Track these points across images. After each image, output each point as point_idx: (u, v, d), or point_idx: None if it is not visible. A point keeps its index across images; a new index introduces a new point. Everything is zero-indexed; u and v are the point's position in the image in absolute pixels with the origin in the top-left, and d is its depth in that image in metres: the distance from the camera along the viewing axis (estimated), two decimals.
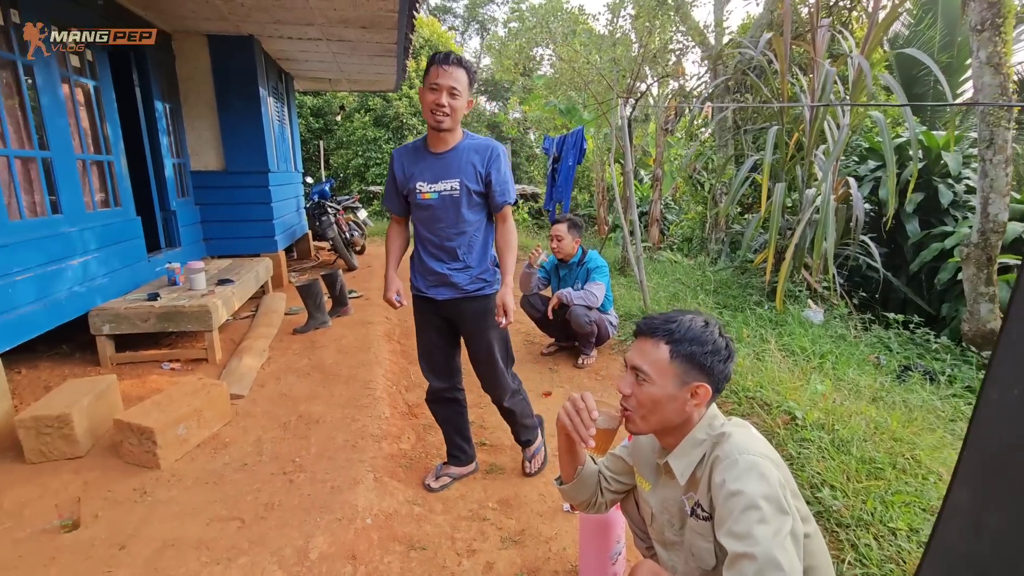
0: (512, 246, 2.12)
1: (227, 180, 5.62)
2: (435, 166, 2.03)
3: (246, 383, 3.24)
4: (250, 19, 4.84)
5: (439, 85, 1.89)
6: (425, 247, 2.13)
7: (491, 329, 2.17)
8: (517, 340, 4.20)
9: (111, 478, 2.31)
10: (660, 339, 1.20)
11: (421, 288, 2.17)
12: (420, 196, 2.05)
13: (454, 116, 1.94)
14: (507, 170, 2.09)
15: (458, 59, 1.90)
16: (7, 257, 2.80)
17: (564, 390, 3.25)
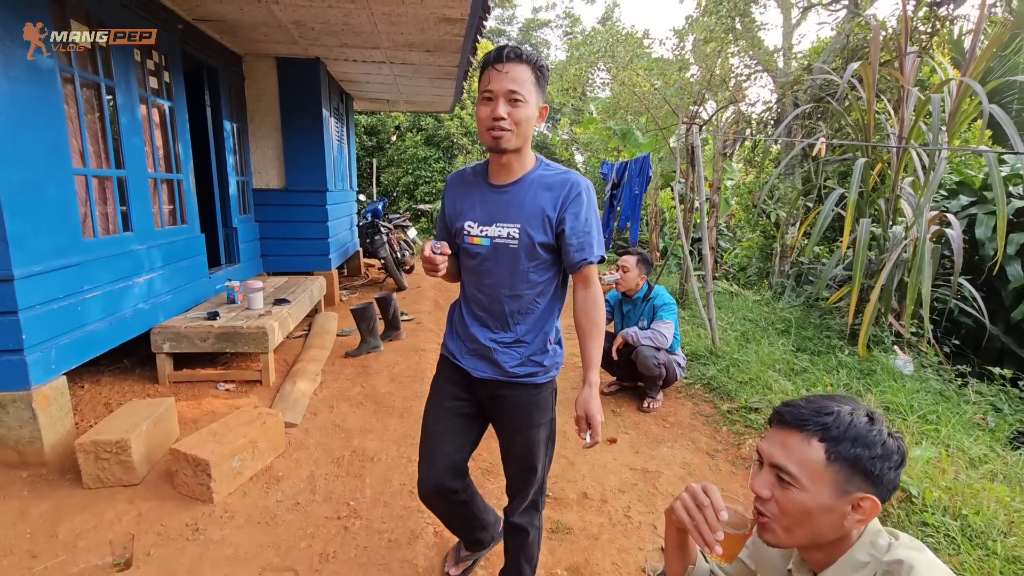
0: (600, 325, 1.51)
1: (287, 198, 5.71)
2: (491, 202, 1.49)
3: (299, 410, 3.16)
4: (319, 43, 4.92)
5: (493, 92, 1.36)
6: (468, 304, 1.61)
7: (537, 429, 1.59)
8: (574, 376, 4.00)
9: (165, 511, 2.24)
10: (812, 434, 0.98)
11: (454, 353, 1.64)
12: (468, 240, 1.52)
13: (519, 131, 1.38)
14: (592, 216, 1.50)
15: (517, 52, 1.36)
16: (79, 275, 2.83)
17: (630, 436, 3.02)
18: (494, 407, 1.62)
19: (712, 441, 2.97)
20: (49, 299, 2.59)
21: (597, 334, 1.50)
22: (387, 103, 8.29)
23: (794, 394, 3.20)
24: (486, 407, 1.65)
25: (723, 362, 3.76)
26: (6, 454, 2.48)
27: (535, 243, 1.46)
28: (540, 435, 1.61)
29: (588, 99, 8.67)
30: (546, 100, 1.48)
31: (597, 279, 1.56)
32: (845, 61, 5.93)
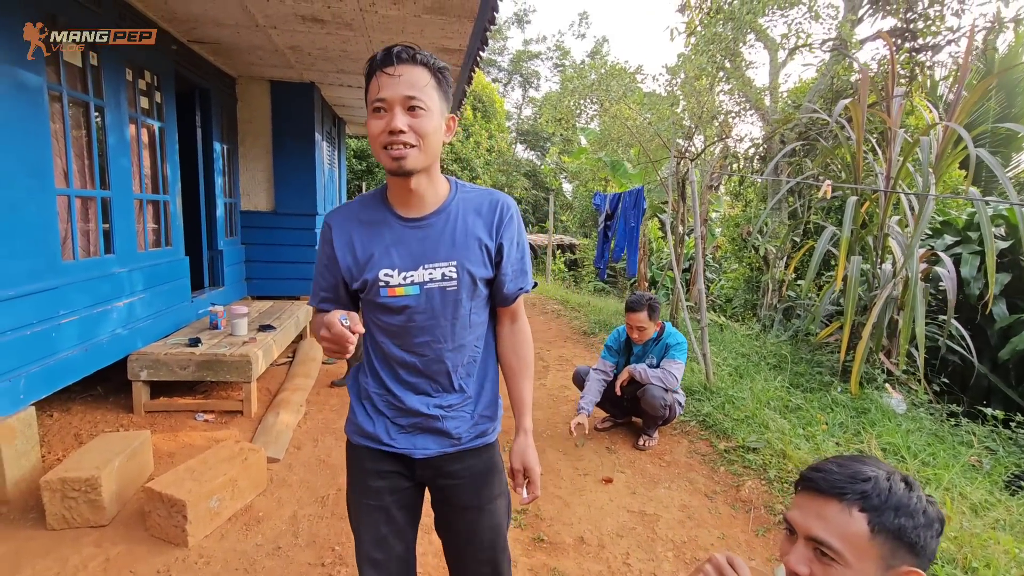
0: (530, 362, 1.34)
1: (275, 221, 5.62)
2: (411, 241, 1.19)
3: (282, 444, 3.02)
4: (314, 67, 4.92)
5: (387, 100, 1.08)
6: (392, 370, 1.26)
7: (499, 500, 1.33)
8: (566, 409, 3.91)
9: (135, 556, 2.08)
10: (851, 504, 0.92)
11: (381, 437, 1.26)
12: (386, 293, 1.19)
13: (426, 146, 1.11)
14: (524, 240, 1.31)
15: (410, 52, 1.09)
16: (55, 300, 2.70)
17: (626, 476, 2.93)
18: (442, 489, 1.31)
19: (710, 482, 2.90)
20: (21, 325, 2.46)
21: (527, 373, 1.33)
22: None
23: (792, 433, 3.16)
24: (431, 492, 1.34)
25: (718, 398, 3.72)
26: None
27: (476, 280, 1.22)
28: (501, 507, 1.34)
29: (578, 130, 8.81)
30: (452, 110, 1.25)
31: (524, 311, 1.38)
32: (829, 102, 6.11)
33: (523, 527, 2.45)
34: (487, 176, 16.29)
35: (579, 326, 6.58)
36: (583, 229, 15.00)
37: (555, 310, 7.56)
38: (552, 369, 4.87)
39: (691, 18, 6.88)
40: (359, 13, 3.56)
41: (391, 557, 1.31)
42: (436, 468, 1.28)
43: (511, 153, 20.74)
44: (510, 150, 20.95)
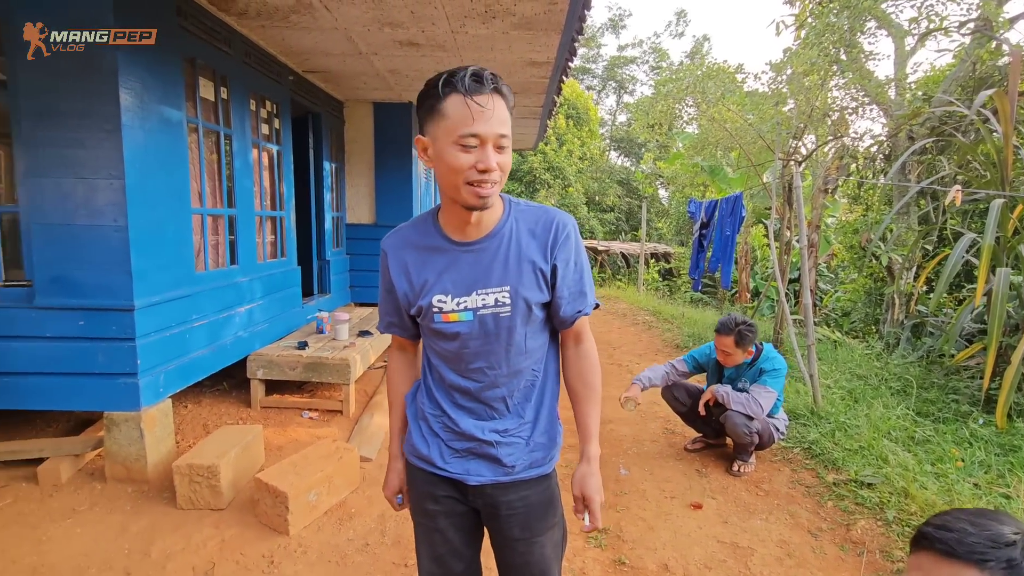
0: (596, 387, 1.27)
1: (376, 232, 6.00)
2: (464, 266, 1.17)
3: (375, 445, 3.20)
4: (412, 88, 5.20)
5: (481, 137, 1.04)
6: (447, 394, 1.25)
7: (552, 532, 1.30)
8: (654, 427, 3.75)
9: (245, 539, 2.30)
10: (994, 573, 0.78)
11: (435, 460, 1.26)
12: (441, 319, 1.19)
13: (503, 181, 1.11)
14: (583, 259, 1.24)
15: (496, 83, 1.05)
16: (190, 305, 3.08)
17: (717, 503, 2.74)
18: (495, 519, 1.26)
19: (815, 517, 2.62)
20: (163, 327, 2.84)
21: (594, 398, 1.26)
22: None
23: (917, 470, 2.77)
24: (483, 517, 1.31)
25: (827, 425, 3.37)
26: (115, 469, 2.70)
27: (531, 305, 1.18)
28: (555, 538, 1.31)
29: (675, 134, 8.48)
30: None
31: (589, 332, 1.30)
32: (970, 91, 5.34)
33: (603, 547, 2.38)
34: (579, 184, 16.22)
35: (671, 339, 6.30)
36: (679, 237, 14.40)
37: (646, 321, 7.31)
38: None
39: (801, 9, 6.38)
40: (450, 35, 3.71)
41: (451, 571, 1.33)
42: (490, 496, 1.25)
43: (604, 160, 20.48)
44: (603, 157, 20.71)
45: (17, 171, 2.59)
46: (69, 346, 2.61)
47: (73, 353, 2.61)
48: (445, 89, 1.04)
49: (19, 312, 2.59)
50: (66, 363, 2.62)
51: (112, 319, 2.61)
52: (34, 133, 2.53)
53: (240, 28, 3.64)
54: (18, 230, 2.65)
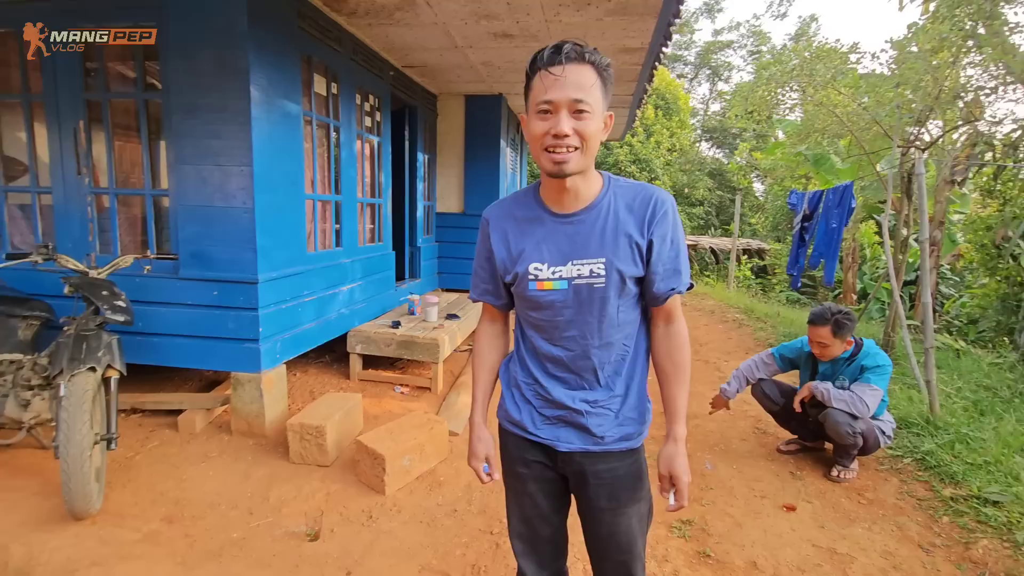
0: (685, 367, 1.26)
1: (463, 221, 6.21)
2: (561, 236, 1.22)
3: (461, 421, 3.35)
4: (503, 80, 5.31)
5: (553, 103, 1.08)
6: (540, 362, 1.30)
7: (638, 506, 1.31)
8: (744, 426, 3.60)
9: (347, 495, 2.52)
10: None
11: (527, 426, 1.31)
12: (535, 286, 1.23)
13: (587, 149, 1.11)
14: (679, 237, 1.24)
15: (579, 51, 1.07)
16: (303, 282, 3.39)
17: (813, 507, 2.60)
18: (583, 486, 1.31)
19: (927, 532, 2.41)
20: (280, 300, 3.15)
21: (682, 378, 1.26)
22: None
23: None
24: (571, 485, 1.35)
25: (945, 435, 3.05)
26: (239, 423, 3.04)
27: (625, 278, 1.20)
28: (641, 512, 1.33)
29: (776, 122, 7.95)
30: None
31: (681, 312, 1.29)
32: None
33: (687, 538, 2.35)
34: (667, 177, 15.69)
35: (764, 338, 5.97)
36: (775, 233, 13.51)
37: (737, 319, 6.97)
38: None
39: None
40: (544, 24, 3.75)
41: (537, 536, 1.40)
42: (579, 464, 1.29)
43: (694, 152, 19.64)
44: (693, 148, 19.86)
45: (168, 160, 2.98)
46: (205, 313, 2.98)
47: (208, 319, 2.98)
48: (532, 67, 1.12)
49: (166, 282, 2.99)
50: (202, 327, 2.98)
51: (240, 290, 2.94)
52: (181, 126, 2.89)
53: (349, 27, 3.91)
54: (167, 211, 3.06)
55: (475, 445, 1.36)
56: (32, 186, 3.16)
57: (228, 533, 2.21)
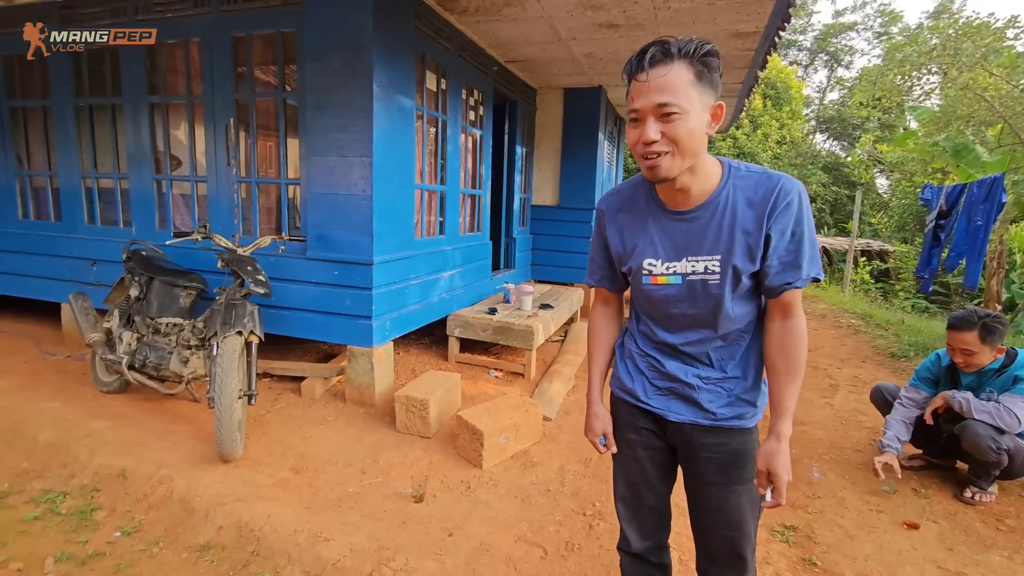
0: (799, 365, 1.20)
1: (558, 214, 6.26)
2: (676, 233, 1.22)
3: (554, 407, 3.41)
4: (604, 71, 5.27)
5: (639, 111, 1.09)
6: (655, 339, 1.33)
7: (748, 486, 1.30)
8: (859, 436, 3.33)
9: (447, 465, 2.68)
10: None
11: (638, 394, 1.35)
12: (649, 280, 1.26)
13: (681, 151, 1.09)
14: (805, 228, 1.16)
15: (664, 50, 1.06)
16: (409, 266, 3.63)
17: (940, 528, 2.36)
18: (692, 459, 1.32)
19: None
20: (390, 282, 3.39)
21: (794, 376, 1.19)
22: None
23: None
24: (679, 457, 1.38)
25: None
26: (352, 392, 3.33)
27: (741, 274, 1.18)
28: (752, 494, 1.31)
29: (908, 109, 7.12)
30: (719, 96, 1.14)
31: (800, 307, 1.22)
32: None
33: (791, 543, 2.24)
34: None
35: (884, 346, 5.44)
36: (901, 234, 12.15)
37: (852, 325, 6.41)
38: (843, 389, 4.19)
39: None
40: (652, 12, 3.69)
41: (642, 503, 1.44)
42: (688, 435, 1.31)
43: (807, 144, 18.17)
44: (806, 141, 18.38)
45: (300, 152, 3.31)
46: (326, 290, 3.29)
47: (329, 296, 3.28)
48: (626, 76, 1.13)
49: (296, 261, 3.33)
50: (324, 303, 3.30)
51: (357, 271, 3.21)
52: (312, 122, 3.20)
53: (459, 25, 4.09)
54: (298, 198, 3.40)
55: (591, 421, 1.43)
56: (191, 176, 3.65)
57: (345, 487, 2.45)
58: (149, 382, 2.92)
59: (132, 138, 3.71)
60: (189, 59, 3.57)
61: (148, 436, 2.71)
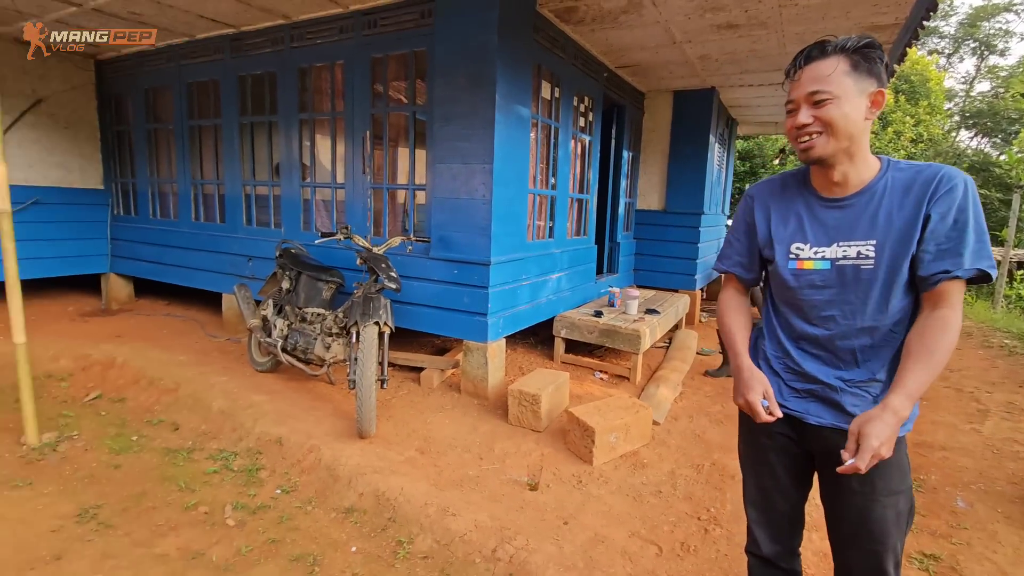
0: (935, 353, 1.10)
1: (663, 219, 6.16)
2: (828, 218, 1.23)
3: (662, 412, 3.40)
4: (719, 72, 5.13)
5: (794, 101, 1.19)
6: (795, 341, 1.31)
7: (896, 498, 1.23)
8: (1014, 468, 2.96)
9: (558, 459, 2.79)
10: None
11: (775, 396, 1.31)
12: (795, 265, 1.27)
13: (834, 132, 1.14)
14: (970, 217, 1.12)
15: (820, 48, 1.15)
16: (522, 267, 3.79)
17: None
18: (832, 466, 1.22)
19: None
20: (504, 282, 3.57)
21: (926, 359, 1.09)
22: (775, 125, 7.91)
23: None
24: (818, 463, 1.33)
25: None
26: (467, 385, 3.55)
27: (900, 262, 1.16)
28: (899, 507, 1.23)
29: None
30: (884, 84, 1.14)
31: (958, 305, 1.13)
32: None
33: (931, 573, 2.08)
34: None
35: None
36: None
37: (1006, 346, 5.65)
38: (993, 415, 3.73)
39: None
40: (776, 9, 3.56)
41: (773, 508, 1.41)
42: (828, 440, 1.26)
43: (948, 142, 16.16)
44: (947, 139, 16.36)
45: (426, 160, 3.60)
46: (446, 288, 3.54)
47: (448, 293, 3.53)
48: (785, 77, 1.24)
49: (420, 260, 3.62)
50: (444, 300, 3.55)
51: (475, 271, 3.42)
52: (439, 132, 3.47)
53: (573, 34, 4.21)
54: (423, 202, 3.70)
55: (750, 381, 1.26)
56: (332, 183, 4.10)
57: (465, 470, 2.64)
58: (297, 363, 3.33)
59: (284, 151, 4.24)
60: (334, 79, 4.01)
61: (296, 410, 3.10)
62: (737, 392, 1.30)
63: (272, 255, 4.24)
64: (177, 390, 3.34)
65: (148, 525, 2.21)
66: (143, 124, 5.20)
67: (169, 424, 3.08)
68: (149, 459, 2.73)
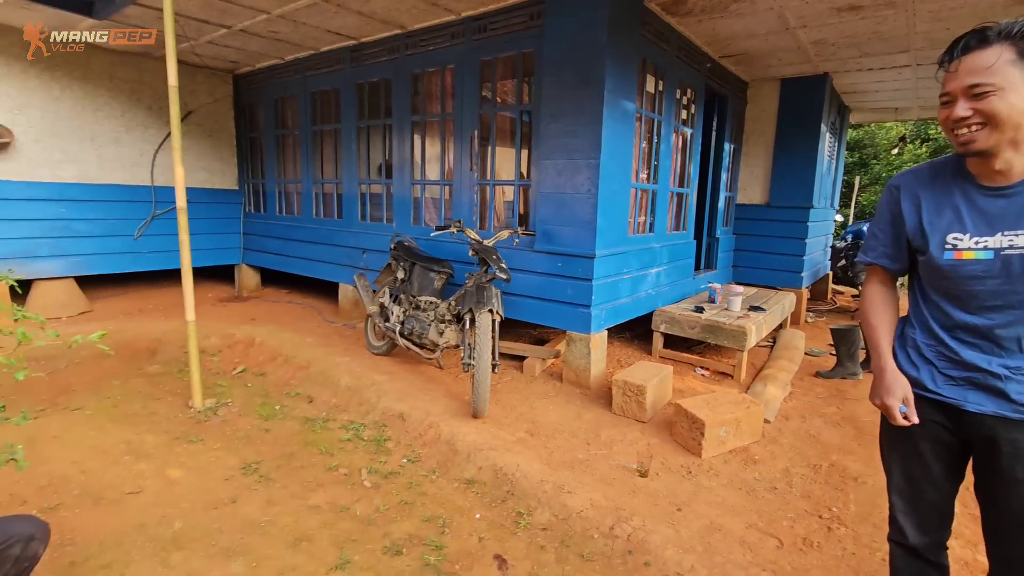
0: None
1: (766, 213, 5.90)
2: (989, 208, 1.20)
3: (772, 410, 3.30)
4: (834, 57, 4.84)
5: (950, 94, 1.15)
6: (950, 331, 1.29)
7: None
8: None
9: (664, 450, 2.81)
10: None
11: (925, 383, 1.31)
12: (952, 255, 1.24)
13: (997, 125, 1.10)
14: None
15: (980, 36, 1.10)
16: (623, 261, 3.83)
17: None
18: (994, 455, 1.24)
19: None
20: (607, 275, 3.63)
21: None
22: (894, 112, 7.28)
23: None
24: (976, 453, 1.30)
25: None
26: (569, 374, 3.65)
27: None
28: None
29: None
30: None
31: None
32: None
33: None
34: None
35: None
36: None
37: None
38: None
39: None
40: None
41: (921, 498, 1.38)
42: (990, 429, 1.23)
43: None
44: None
45: (532, 157, 3.73)
46: (550, 280, 3.66)
47: (552, 285, 3.65)
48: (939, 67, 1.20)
49: (526, 253, 3.77)
50: (548, 292, 3.67)
51: (579, 264, 3.51)
52: (546, 130, 3.59)
53: (677, 26, 4.16)
54: (529, 198, 3.84)
55: (891, 385, 1.30)
56: (441, 179, 4.36)
57: (574, 453, 2.74)
58: (413, 347, 3.60)
59: (397, 151, 4.56)
60: (444, 83, 4.26)
61: (413, 390, 3.35)
62: (875, 393, 1.33)
63: (384, 248, 4.58)
64: (309, 367, 3.73)
65: (299, 480, 2.52)
66: (272, 130, 5.80)
67: (304, 396, 3.46)
68: (292, 426, 3.09)
